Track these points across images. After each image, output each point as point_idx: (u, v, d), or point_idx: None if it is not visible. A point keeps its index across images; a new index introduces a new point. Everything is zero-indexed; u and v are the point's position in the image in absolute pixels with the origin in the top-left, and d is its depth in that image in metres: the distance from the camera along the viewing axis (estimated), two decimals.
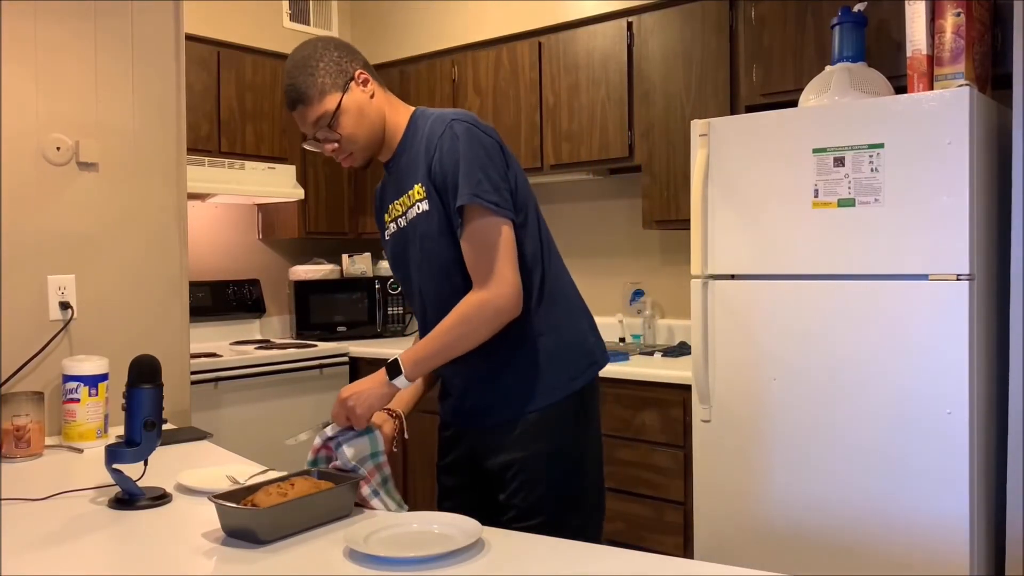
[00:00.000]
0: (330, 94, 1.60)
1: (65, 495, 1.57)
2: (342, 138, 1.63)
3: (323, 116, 1.61)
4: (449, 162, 1.56)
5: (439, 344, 1.55)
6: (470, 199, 1.53)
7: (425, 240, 1.63)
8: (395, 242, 1.74)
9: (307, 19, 4.16)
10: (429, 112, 1.69)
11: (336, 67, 1.62)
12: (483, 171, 1.55)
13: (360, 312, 4.25)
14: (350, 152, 1.67)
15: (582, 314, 1.74)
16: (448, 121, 1.59)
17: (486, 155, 1.56)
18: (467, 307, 1.54)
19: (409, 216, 1.66)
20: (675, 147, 3.12)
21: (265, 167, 3.84)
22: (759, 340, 2.44)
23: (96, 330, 2.17)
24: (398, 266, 1.76)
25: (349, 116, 1.62)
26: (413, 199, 1.64)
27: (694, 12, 3.07)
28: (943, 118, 2.13)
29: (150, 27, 2.28)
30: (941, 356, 2.14)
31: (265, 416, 3.51)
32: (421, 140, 1.64)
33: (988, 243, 2.22)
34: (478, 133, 1.58)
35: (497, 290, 1.53)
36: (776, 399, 2.41)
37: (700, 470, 2.57)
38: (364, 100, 1.64)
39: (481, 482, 1.69)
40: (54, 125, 2.11)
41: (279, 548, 1.28)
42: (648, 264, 3.59)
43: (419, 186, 1.63)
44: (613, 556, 1.27)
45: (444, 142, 1.57)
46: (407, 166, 1.67)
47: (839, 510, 2.30)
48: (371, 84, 1.66)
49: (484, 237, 1.54)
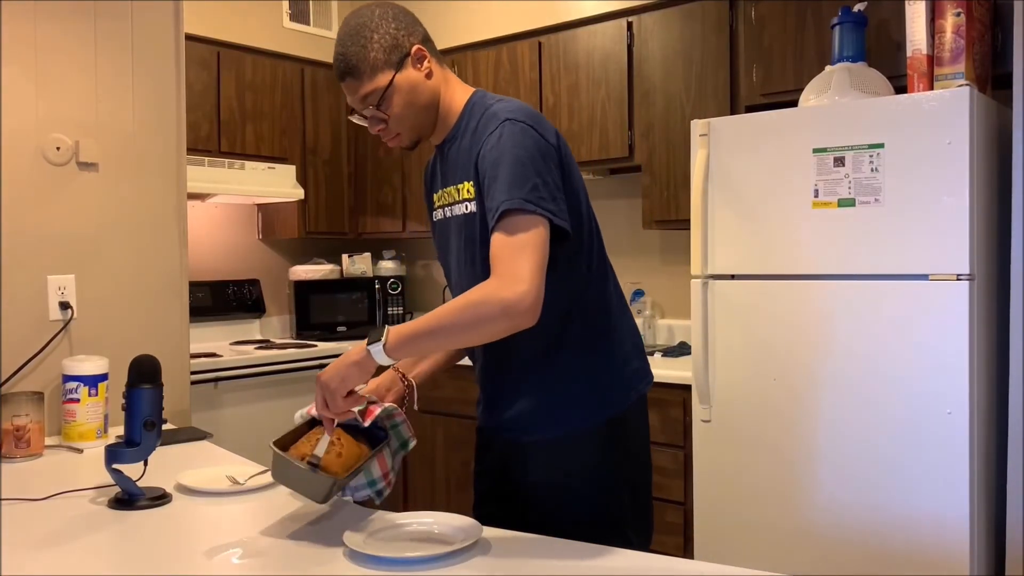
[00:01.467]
0: (382, 71, 1.46)
1: (65, 495, 1.57)
2: (389, 119, 1.50)
3: (372, 94, 1.48)
4: (490, 162, 1.42)
5: (433, 324, 1.34)
6: (521, 204, 1.36)
7: (470, 244, 1.52)
8: (441, 228, 1.64)
9: (307, 19, 4.16)
10: (489, 99, 1.55)
11: (391, 41, 1.47)
12: (539, 176, 1.39)
13: (360, 312, 4.25)
14: (396, 133, 1.54)
15: (628, 335, 1.61)
16: (502, 119, 1.45)
17: (541, 159, 1.41)
18: (473, 294, 1.34)
19: (455, 211, 1.55)
20: (675, 147, 3.12)
21: (265, 167, 3.84)
22: (759, 340, 2.44)
23: (96, 330, 2.17)
24: (441, 252, 1.66)
25: (400, 96, 1.49)
26: (462, 195, 1.53)
27: (694, 12, 3.07)
28: (943, 118, 2.13)
29: (150, 27, 2.28)
30: (941, 356, 2.14)
31: (265, 416, 3.51)
32: (474, 133, 1.51)
33: (988, 243, 2.22)
34: (534, 134, 1.43)
35: (512, 286, 1.32)
36: (776, 399, 2.41)
37: (700, 470, 2.57)
38: (418, 80, 1.50)
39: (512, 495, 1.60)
40: (54, 125, 2.11)
41: (279, 548, 1.28)
42: (648, 264, 3.59)
43: (469, 184, 1.50)
44: (613, 556, 1.27)
45: (491, 140, 1.44)
46: (458, 155, 1.54)
47: (839, 510, 2.30)
48: (428, 61, 1.51)
49: (515, 232, 1.36)
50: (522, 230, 1.36)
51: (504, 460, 1.62)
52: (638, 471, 1.61)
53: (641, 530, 1.60)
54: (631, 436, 1.59)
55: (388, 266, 4.40)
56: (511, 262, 1.34)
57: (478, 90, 1.59)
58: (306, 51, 4.11)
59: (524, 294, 1.32)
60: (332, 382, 1.34)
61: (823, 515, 2.33)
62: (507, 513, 1.56)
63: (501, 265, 1.34)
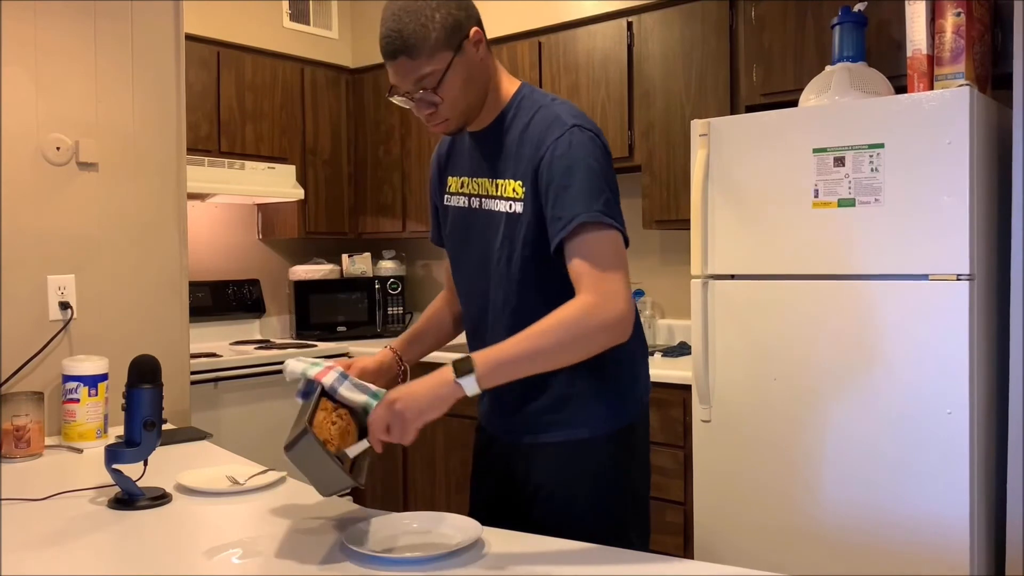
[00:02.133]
0: (441, 52, 1.38)
1: (65, 495, 1.57)
2: (443, 103, 1.42)
3: (428, 76, 1.39)
4: (560, 169, 1.39)
5: (529, 348, 1.30)
6: (599, 217, 1.35)
7: (508, 243, 1.48)
8: (460, 216, 1.58)
9: (307, 19, 4.16)
10: (539, 96, 1.51)
11: (453, 21, 1.38)
12: (610, 189, 1.40)
13: (360, 312, 4.25)
14: (446, 118, 1.45)
15: (639, 345, 1.59)
16: (569, 125, 1.42)
17: (609, 171, 1.42)
18: (570, 311, 1.32)
19: (490, 206, 1.51)
20: (675, 147, 3.12)
21: (265, 167, 3.84)
22: (759, 340, 2.44)
23: (96, 330, 2.17)
24: (454, 240, 1.62)
25: (456, 80, 1.41)
26: (505, 193, 1.48)
27: (694, 12, 3.07)
28: (943, 118, 2.13)
29: (150, 27, 2.28)
30: (941, 356, 2.14)
31: (265, 416, 3.51)
32: (527, 130, 1.46)
33: (988, 243, 2.22)
34: (601, 145, 1.43)
35: (610, 304, 1.32)
36: (776, 399, 2.41)
37: (700, 470, 2.57)
38: (475, 63, 1.43)
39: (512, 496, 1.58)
40: (54, 125, 2.11)
41: (279, 548, 1.28)
42: (648, 264, 3.59)
43: (518, 184, 1.46)
44: (613, 556, 1.27)
45: (559, 147, 1.40)
46: (503, 150, 1.49)
47: (839, 510, 2.30)
48: (483, 44, 1.44)
49: (601, 249, 1.36)
50: (607, 245, 1.36)
51: (506, 461, 1.61)
52: (642, 476, 1.60)
53: (642, 532, 1.60)
54: (638, 444, 1.58)
55: (388, 266, 4.40)
56: (604, 280, 1.33)
57: (525, 83, 1.56)
58: (306, 51, 4.11)
59: (623, 313, 1.33)
60: (409, 413, 1.27)
61: (823, 515, 2.33)
62: (506, 514, 1.55)
63: (592, 282, 1.34)
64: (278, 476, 1.65)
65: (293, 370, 1.47)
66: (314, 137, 4.11)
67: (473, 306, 1.60)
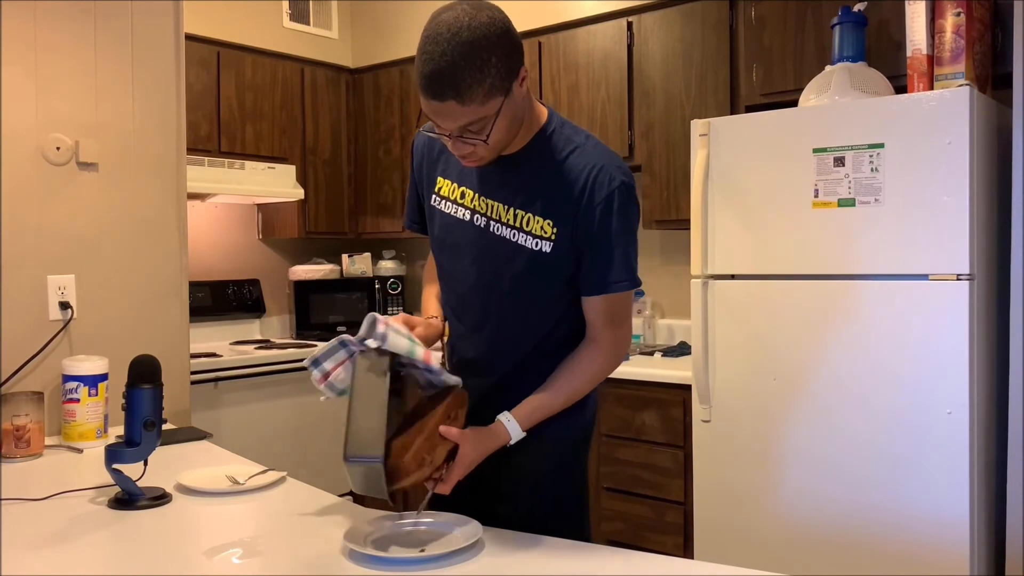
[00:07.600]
0: (494, 97, 1.30)
1: (65, 495, 1.57)
2: (486, 145, 1.36)
3: (478, 121, 1.32)
4: (611, 231, 1.42)
5: (564, 398, 1.50)
6: (631, 286, 1.47)
7: (531, 278, 1.47)
8: (460, 230, 1.53)
9: (307, 19, 4.16)
10: (570, 132, 1.48)
11: (507, 65, 1.29)
12: (635, 253, 1.48)
13: (360, 312, 4.25)
14: (482, 157, 1.40)
15: None
16: (617, 182, 1.41)
17: (635, 228, 1.48)
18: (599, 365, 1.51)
19: (509, 236, 1.47)
20: (675, 147, 3.12)
21: (265, 167, 3.84)
22: (759, 340, 2.44)
23: (96, 330, 2.17)
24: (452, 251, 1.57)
25: (503, 123, 1.34)
26: (530, 228, 1.45)
27: (694, 12, 3.07)
28: (943, 118, 2.13)
29: (150, 27, 2.28)
30: (941, 356, 2.14)
31: (265, 416, 3.51)
32: (563, 171, 1.43)
33: (988, 243, 2.22)
34: (637, 201, 1.47)
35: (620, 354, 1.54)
36: (776, 399, 2.41)
37: (700, 470, 2.57)
38: (519, 102, 1.37)
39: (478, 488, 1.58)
40: (54, 125, 2.11)
41: (279, 548, 1.28)
42: (648, 264, 3.59)
43: (547, 223, 1.43)
44: (613, 556, 1.27)
45: (610, 206, 1.41)
46: (530, 182, 1.45)
47: (839, 510, 2.30)
48: (527, 80, 1.38)
49: (622, 304, 1.50)
50: (626, 300, 1.52)
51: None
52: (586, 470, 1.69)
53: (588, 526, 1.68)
54: (591, 439, 1.68)
55: (388, 266, 4.40)
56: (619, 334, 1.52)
57: (550, 109, 1.51)
58: (306, 51, 4.11)
59: (627, 352, 1.59)
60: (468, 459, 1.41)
61: (823, 515, 2.33)
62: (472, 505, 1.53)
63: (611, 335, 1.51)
64: (278, 476, 1.65)
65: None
66: (314, 137, 4.12)
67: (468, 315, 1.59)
